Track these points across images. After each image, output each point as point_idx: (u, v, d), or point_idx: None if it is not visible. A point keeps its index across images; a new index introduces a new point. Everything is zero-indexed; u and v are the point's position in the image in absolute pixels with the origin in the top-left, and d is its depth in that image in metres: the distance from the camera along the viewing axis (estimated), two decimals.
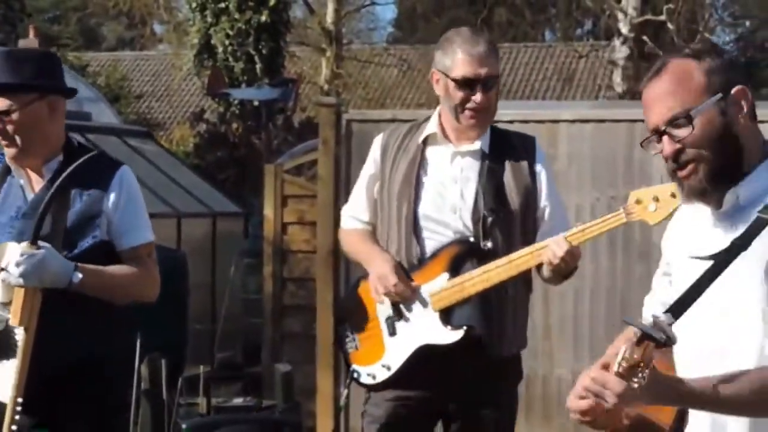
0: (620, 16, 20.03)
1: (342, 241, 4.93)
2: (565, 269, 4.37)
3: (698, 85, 2.87)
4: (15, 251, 3.98)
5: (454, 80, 4.49)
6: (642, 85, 2.96)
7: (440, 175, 4.58)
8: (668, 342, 2.60)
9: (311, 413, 8.50)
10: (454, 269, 4.47)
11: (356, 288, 4.78)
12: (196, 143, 21.16)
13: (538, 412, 8.16)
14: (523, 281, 4.53)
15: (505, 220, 4.51)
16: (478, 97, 4.46)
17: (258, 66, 20.29)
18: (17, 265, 3.91)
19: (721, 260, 2.79)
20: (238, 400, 6.57)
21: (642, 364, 2.60)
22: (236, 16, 20.32)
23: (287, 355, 8.77)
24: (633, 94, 16.64)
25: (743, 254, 2.79)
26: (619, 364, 2.61)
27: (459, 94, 4.48)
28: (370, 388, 4.64)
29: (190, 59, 22.08)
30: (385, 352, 4.58)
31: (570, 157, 8.36)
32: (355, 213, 4.79)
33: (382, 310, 4.60)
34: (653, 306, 3.29)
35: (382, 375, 4.57)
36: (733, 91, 2.88)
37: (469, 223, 4.50)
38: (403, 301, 4.53)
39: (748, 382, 2.77)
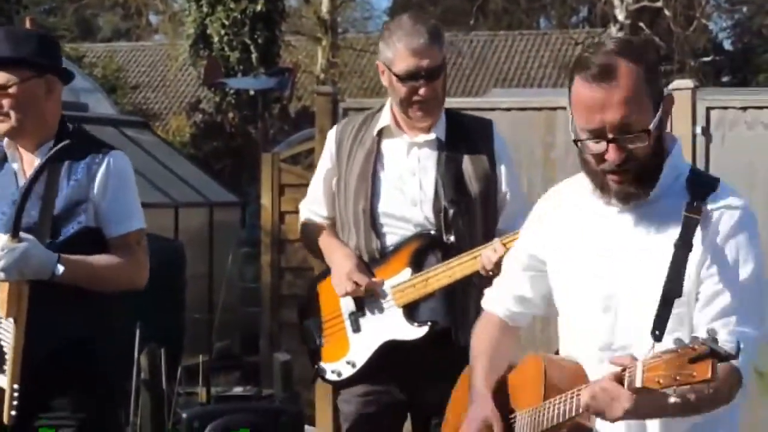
0: (616, 2, 20.08)
1: (302, 235, 4.80)
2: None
3: (647, 95, 2.90)
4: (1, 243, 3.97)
5: (397, 75, 4.36)
6: (583, 73, 2.90)
7: (398, 168, 4.47)
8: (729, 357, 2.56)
9: (310, 402, 8.50)
10: (417, 264, 4.37)
11: (318, 284, 4.68)
12: (193, 133, 21.18)
13: None
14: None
15: (466, 210, 4.40)
16: (422, 90, 4.33)
17: (254, 55, 20.26)
18: None
19: (677, 263, 2.87)
20: (237, 389, 6.56)
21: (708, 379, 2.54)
22: (231, 5, 20.30)
23: (285, 344, 8.76)
24: None
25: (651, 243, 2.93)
26: (657, 381, 2.58)
27: (403, 89, 4.36)
28: (336, 385, 4.59)
29: (186, 49, 22.08)
30: (350, 349, 4.48)
31: (567, 144, 8.33)
32: (313, 207, 4.70)
33: (345, 305, 4.50)
34: (507, 299, 3.36)
35: (347, 372, 4.48)
36: (665, 99, 2.95)
37: (431, 215, 4.40)
38: (365, 297, 4.43)
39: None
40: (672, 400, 2.63)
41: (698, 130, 7.83)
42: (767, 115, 8.17)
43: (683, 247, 2.89)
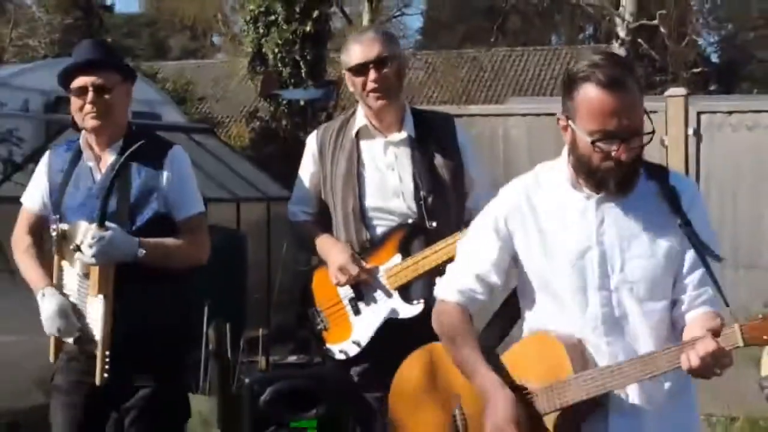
0: (618, 21, 19.93)
1: (294, 232, 4.73)
2: None
3: (641, 105, 2.93)
4: (86, 230, 3.99)
5: (350, 70, 4.35)
6: (596, 83, 2.90)
7: (378, 166, 4.42)
8: None
9: None
10: (405, 250, 4.34)
11: (315, 273, 4.61)
12: (251, 138, 21.18)
13: None
14: None
15: (442, 197, 4.37)
16: (372, 75, 4.30)
17: (303, 70, 20.21)
18: (89, 246, 3.93)
19: (695, 240, 2.91)
20: (292, 358, 6.54)
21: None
22: (284, 27, 20.27)
23: None
24: None
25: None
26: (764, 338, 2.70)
27: (357, 81, 4.34)
28: (344, 364, 4.55)
29: (245, 66, 22.02)
30: (353, 330, 4.45)
31: None
32: (302, 207, 4.65)
33: (344, 292, 4.46)
34: (467, 281, 3.24)
35: (353, 350, 4.46)
36: (644, 110, 2.96)
37: (413, 205, 4.37)
38: (362, 284, 4.40)
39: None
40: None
41: (690, 131, 7.84)
42: (750, 119, 8.18)
43: (687, 223, 2.92)
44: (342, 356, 4.50)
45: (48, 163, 4.32)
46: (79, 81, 4.11)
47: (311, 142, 4.60)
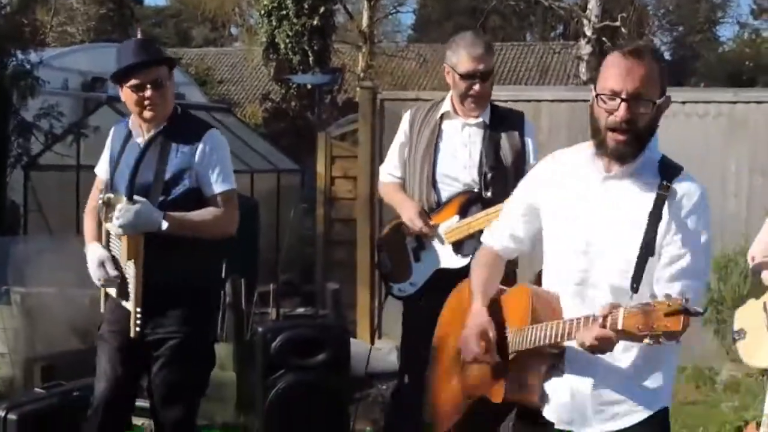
0: (585, 21, 19.86)
1: (381, 191, 4.95)
2: None
3: (659, 83, 2.87)
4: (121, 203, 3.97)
5: (460, 75, 4.50)
6: (619, 50, 2.88)
7: (454, 142, 4.60)
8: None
9: (353, 321, 8.52)
10: (463, 212, 4.52)
11: (390, 226, 4.83)
12: (264, 117, 21.14)
13: None
14: None
15: (501, 174, 4.51)
16: (477, 87, 4.49)
17: (311, 59, 20.17)
18: (116, 218, 3.90)
19: (651, 230, 2.83)
20: (300, 310, 6.53)
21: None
22: (294, 20, 20.21)
23: (335, 277, 8.75)
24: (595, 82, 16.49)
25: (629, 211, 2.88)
26: (637, 327, 2.55)
27: (463, 85, 4.51)
28: (403, 300, 4.74)
29: (259, 54, 21.97)
30: (412, 274, 4.65)
31: (550, 129, 8.30)
32: (390, 170, 4.83)
33: (410, 242, 4.65)
34: (504, 237, 3.28)
35: (410, 290, 4.66)
36: (665, 95, 2.89)
37: (476, 177, 4.52)
38: (425, 236, 4.57)
39: None
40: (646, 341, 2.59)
41: None
42: (701, 108, 8.18)
43: (655, 217, 2.84)
44: (400, 293, 4.71)
45: (111, 138, 4.30)
46: (138, 78, 4.04)
47: (405, 118, 4.80)
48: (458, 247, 4.52)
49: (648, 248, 2.82)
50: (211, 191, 4.11)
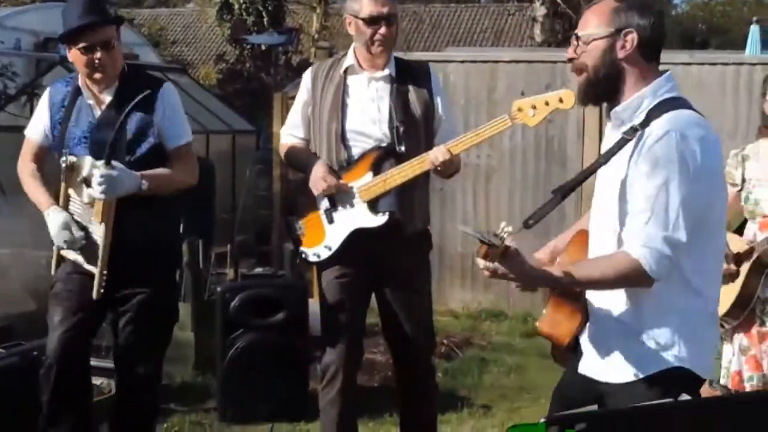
0: None
1: (282, 152, 4.72)
2: (444, 172, 4.31)
3: (605, 19, 2.88)
4: (91, 165, 3.94)
5: (363, 19, 4.36)
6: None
7: (361, 97, 4.45)
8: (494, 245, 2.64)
9: (310, 280, 8.52)
10: (377, 168, 4.36)
11: (298, 188, 4.63)
12: (219, 78, 20.99)
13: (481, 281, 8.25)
14: (424, 173, 4.38)
15: (412, 128, 4.41)
16: (383, 30, 4.36)
17: (265, 19, 20.07)
18: (99, 184, 3.87)
19: (588, 169, 2.92)
20: (258, 270, 6.52)
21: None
22: None
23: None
24: (549, 44, 16.50)
25: (615, 162, 2.86)
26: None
27: (368, 31, 4.36)
28: (317, 265, 4.55)
29: (213, 14, 21.82)
30: (326, 236, 4.45)
31: (507, 88, 8.33)
32: (292, 131, 4.63)
33: (321, 203, 4.46)
34: None
35: (325, 254, 4.45)
36: (624, 31, 2.87)
37: (387, 132, 4.39)
38: (337, 196, 4.41)
39: (597, 266, 2.84)
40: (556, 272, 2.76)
41: None
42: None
43: (603, 162, 2.87)
44: (315, 258, 4.49)
45: (49, 99, 4.23)
46: (86, 41, 3.99)
47: (306, 76, 4.61)
48: (373, 205, 4.36)
49: (569, 189, 2.88)
50: (173, 144, 4.15)
